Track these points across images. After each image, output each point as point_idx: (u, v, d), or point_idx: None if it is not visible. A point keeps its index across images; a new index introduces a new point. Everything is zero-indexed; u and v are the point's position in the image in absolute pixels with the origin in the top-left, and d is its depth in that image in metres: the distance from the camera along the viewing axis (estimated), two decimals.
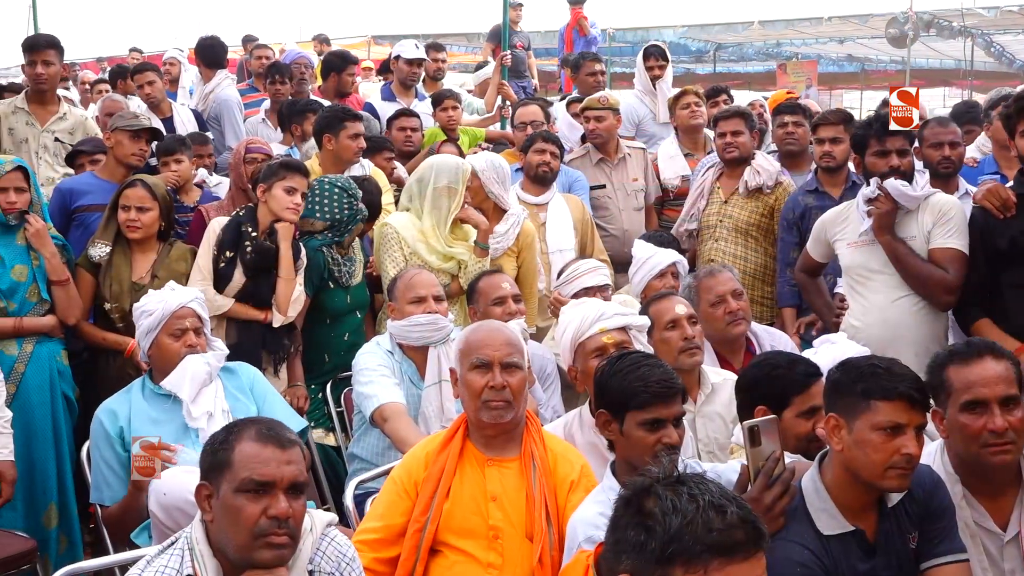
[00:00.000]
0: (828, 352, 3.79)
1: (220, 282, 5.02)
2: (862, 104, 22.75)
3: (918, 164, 5.07)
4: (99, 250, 5.07)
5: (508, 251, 5.77)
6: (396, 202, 6.10)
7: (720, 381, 4.28)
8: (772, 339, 4.92)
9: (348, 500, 3.94)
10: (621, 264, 6.19)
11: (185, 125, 7.94)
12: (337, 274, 5.29)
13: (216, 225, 5.14)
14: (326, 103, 7.42)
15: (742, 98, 8.92)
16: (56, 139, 6.77)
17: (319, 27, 18.50)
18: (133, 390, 4.15)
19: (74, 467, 4.86)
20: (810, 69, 16.69)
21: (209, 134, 7.72)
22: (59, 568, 3.49)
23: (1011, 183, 4.83)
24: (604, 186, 6.90)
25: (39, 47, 6.79)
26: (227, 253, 5.04)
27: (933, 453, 3.28)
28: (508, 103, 8.67)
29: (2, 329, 4.63)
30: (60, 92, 7.19)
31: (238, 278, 5.03)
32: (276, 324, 5.03)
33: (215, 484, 2.71)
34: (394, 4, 34.82)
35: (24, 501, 4.72)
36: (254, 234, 5.05)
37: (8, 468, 4.23)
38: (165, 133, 5.96)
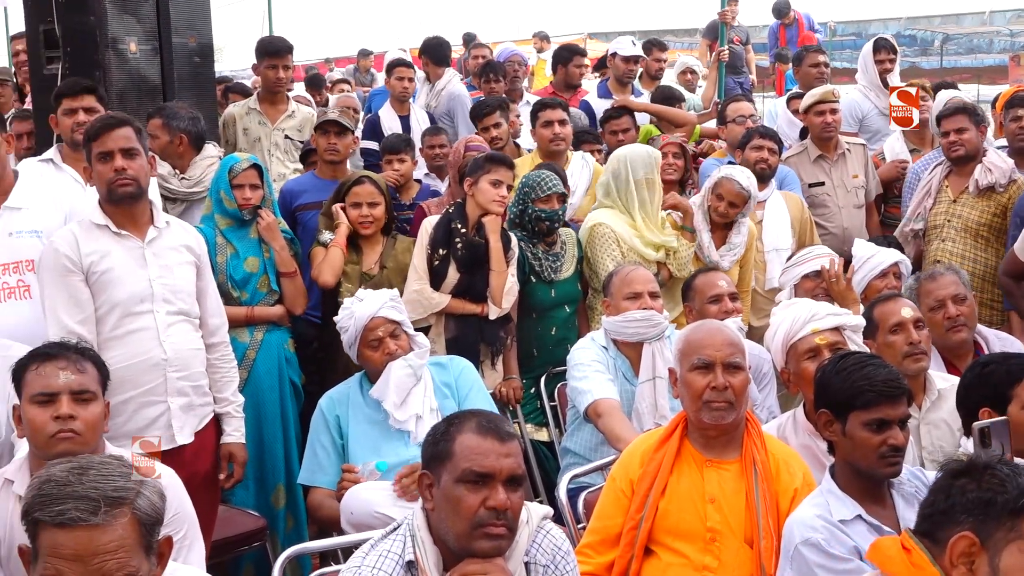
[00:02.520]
0: None
1: (436, 279, 5.12)
2: None
3: None
4: (326, 236, 5.25)
5: None
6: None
7: (947, 387, 4.07)
8: (1003, 344, 4.65)
9: (561, 494, 3.94)
10: None
11: (420, 124, 8.14)
12: (538, 268, 5.31)
13: (428, 224, 5.24)
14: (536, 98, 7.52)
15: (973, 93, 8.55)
16: (286, 136, 7.04)
17: (537, 24, 18.74)
18: (352, 384, 4.28)
19: (300, 451, 5.05)
20: None
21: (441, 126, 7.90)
22: (286, 547, 3.66)
23: None
24: (823, 183, 6.71)
25: (281, 52, 7.05)
26: (440, 251, 5.13)
27: None
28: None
29: (235, 317, 4.82)
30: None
31: (452, 274, 5.12)
32: (492, 316, 5.10)
33: (436, 474, 2.77)
34: (611, 1, 34.85)
35: (255, 481, 4.95)
36: (463, 230, 5.14)
37: (240, 450, 4.41)
38: (345, 125, 6.02)
